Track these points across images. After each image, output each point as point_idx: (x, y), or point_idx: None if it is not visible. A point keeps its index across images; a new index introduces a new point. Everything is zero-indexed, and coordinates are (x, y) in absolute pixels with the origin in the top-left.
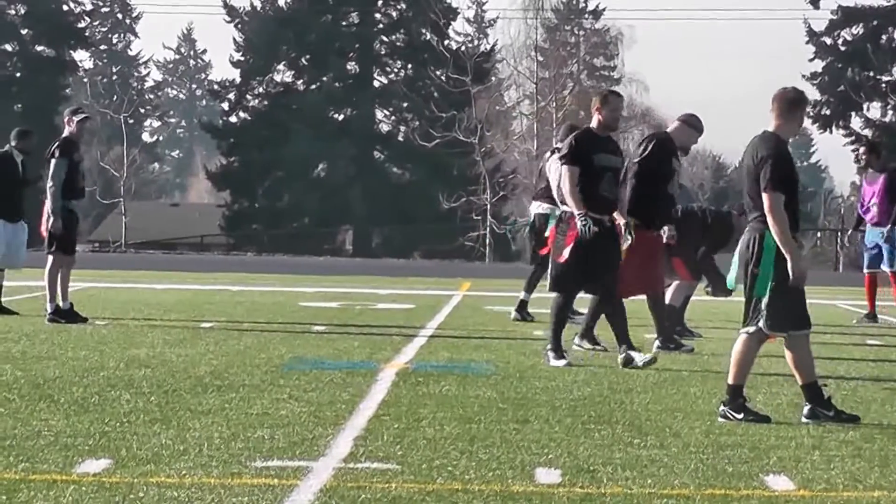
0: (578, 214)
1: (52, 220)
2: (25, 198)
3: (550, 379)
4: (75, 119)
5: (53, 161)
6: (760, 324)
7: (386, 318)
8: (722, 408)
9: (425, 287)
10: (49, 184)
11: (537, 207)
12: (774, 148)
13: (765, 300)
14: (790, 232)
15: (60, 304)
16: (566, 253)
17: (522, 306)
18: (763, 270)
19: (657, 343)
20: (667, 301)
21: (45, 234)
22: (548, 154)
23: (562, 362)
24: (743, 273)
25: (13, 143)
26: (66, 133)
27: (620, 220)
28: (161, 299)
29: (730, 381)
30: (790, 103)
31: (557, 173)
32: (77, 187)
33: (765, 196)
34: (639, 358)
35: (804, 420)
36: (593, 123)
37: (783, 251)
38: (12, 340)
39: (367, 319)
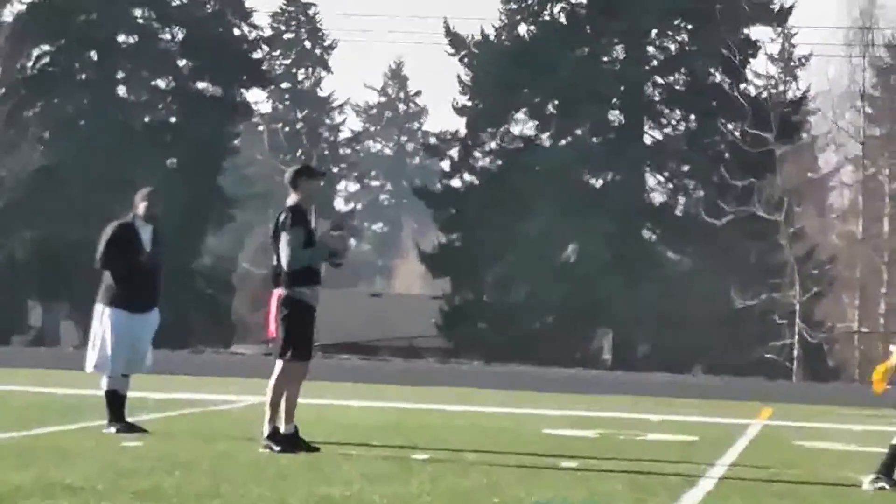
0: None
1: (283, 305)
2: (161, 280)
3: None
4: (303, 179)
5: (284, 234)
6: None
7: (658, 452)
8: None
9: (710, 413)
10: (284, 262)
11: None
12: None
13: None
14: None
15: (282, 427)
16: None
17: None
18: None
19: None
20: None
21: (273, 332)
22: None
23: None
24: None
25: (136, 210)
26: (291, 201)
27: None
28: (358, 419)
29: None
30: None
31: None
32: (313, 269)
33: None
34: None
35: None
36: None
37: None
38: (164, 471)
39: (633, 453)
